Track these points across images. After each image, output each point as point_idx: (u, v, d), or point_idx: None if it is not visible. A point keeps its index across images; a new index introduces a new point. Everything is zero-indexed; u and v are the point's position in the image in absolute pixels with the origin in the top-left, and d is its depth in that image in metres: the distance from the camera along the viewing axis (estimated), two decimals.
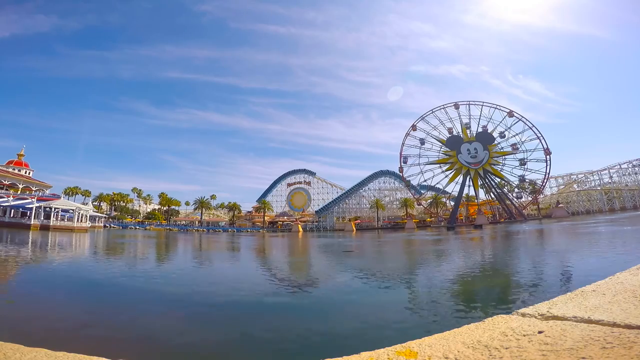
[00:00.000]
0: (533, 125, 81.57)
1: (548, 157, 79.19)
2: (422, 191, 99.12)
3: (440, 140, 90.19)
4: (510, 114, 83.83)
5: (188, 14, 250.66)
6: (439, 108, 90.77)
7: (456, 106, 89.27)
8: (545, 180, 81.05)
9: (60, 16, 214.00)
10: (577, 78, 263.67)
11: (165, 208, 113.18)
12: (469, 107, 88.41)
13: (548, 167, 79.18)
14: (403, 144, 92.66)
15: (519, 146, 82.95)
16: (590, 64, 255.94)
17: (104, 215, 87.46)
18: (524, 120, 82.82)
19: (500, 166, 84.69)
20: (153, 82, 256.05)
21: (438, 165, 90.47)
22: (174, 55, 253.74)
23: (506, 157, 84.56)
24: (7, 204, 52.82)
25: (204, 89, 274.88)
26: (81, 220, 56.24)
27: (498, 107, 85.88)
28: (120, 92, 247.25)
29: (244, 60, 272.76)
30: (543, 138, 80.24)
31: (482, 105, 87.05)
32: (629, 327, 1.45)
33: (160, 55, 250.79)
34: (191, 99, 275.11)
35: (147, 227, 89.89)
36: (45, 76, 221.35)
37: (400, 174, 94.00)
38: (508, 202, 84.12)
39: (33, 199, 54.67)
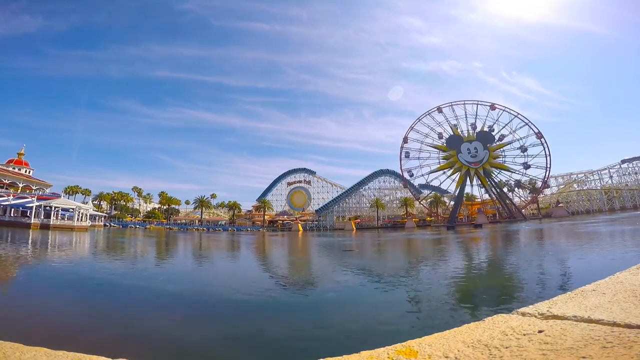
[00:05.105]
0: (518, 114, 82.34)
1: (542, 140, 79.36)
2: (423, 190, 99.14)
3: (437, 147, 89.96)
4: (493, 107, 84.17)
5: (170, 13, 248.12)
6: (424, 115, 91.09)
7: (439, 110, 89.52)
8: (548, 165, 79.27)
9: (45, 17, 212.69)
10: (574, 75, 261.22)
11: (165, 207, 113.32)
12: (453, 108, 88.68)
13: (546, 149, 79.18)
14: (401, 158, 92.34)
15: (512, 135, 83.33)
16: (587, 60, 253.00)
17: (104, 214, 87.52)
18: (508, 110, 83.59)
19: (501, 159, 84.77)
20: (142, 81, 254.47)
21: (442, 171, 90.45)
22: (161, 54, 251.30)
23: (504, 149, 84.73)
24: (7, 202, 52.81)
25: (194, 87, 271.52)
26: (81, 219, 56.27)
27: (480, 102, 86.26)
28: (111, 91, 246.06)
29: (231, 58, 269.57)
30: (531, 123, 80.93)
31: (464, 104, 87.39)
32: (629, 326, 1.45)
33: (148, 54, 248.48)
34: (181, 98, 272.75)
35: (148, 227, 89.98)
36: (38, 75, 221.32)
37: (407, 186, 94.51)
38: (508, 201, 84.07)
39: (33, 198, 54.66)
